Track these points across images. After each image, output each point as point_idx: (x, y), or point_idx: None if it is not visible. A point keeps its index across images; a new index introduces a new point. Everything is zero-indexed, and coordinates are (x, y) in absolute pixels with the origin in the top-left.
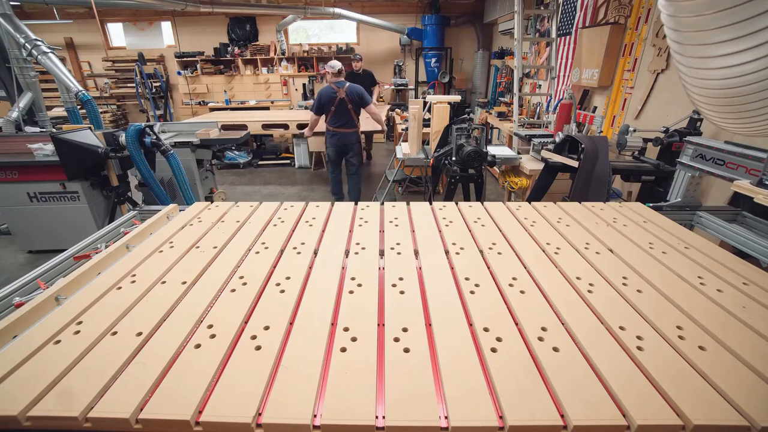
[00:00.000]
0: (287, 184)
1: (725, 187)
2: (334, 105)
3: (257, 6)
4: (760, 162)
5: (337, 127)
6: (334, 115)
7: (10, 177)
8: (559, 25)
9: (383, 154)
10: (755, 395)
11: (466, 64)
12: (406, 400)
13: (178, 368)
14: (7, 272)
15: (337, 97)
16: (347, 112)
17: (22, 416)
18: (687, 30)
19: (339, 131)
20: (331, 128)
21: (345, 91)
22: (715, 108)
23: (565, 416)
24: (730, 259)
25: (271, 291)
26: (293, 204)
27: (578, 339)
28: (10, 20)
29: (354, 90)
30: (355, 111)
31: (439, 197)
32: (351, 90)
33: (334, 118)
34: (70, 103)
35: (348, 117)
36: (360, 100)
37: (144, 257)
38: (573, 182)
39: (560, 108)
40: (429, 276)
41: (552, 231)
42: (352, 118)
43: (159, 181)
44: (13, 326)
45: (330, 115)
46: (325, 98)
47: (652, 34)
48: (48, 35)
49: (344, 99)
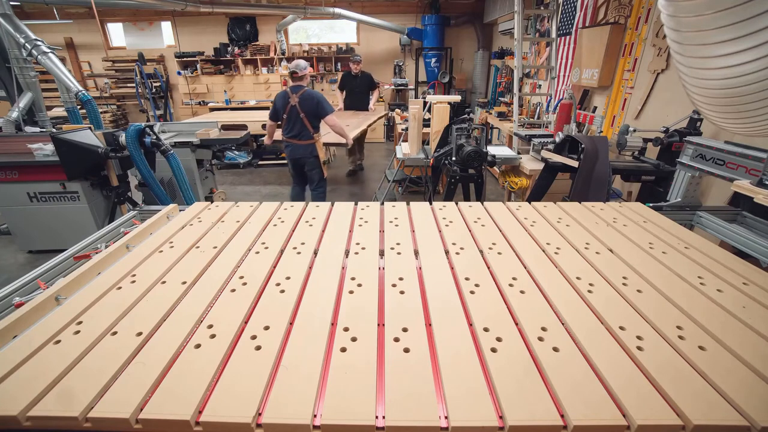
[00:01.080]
0: (287, 184)
1: (725, 187)
2: (286, 112)
3: (257, 6)
4: (760, 162)
5: (289, 137)
6: (286, 124)
7: (10, 177)
8: (559, 25)
9: (383, 154)
10: (755, 395)
11: (466, 64)
12: (406, 400)
13: (178, 368)
14: (7, 272)
15: (289, 103)
16: (300, 122)
17: (22, 416)
18: (687, 30)
19: (291, 142)
20: (284, 138)
21: (298, 98)
22: (715, 108)
23: (565, 416)
24: (730, 259)
25: (271, 291)
26: (293, 204)
27: (578, 339)
28: (10, 20)
29: (310, 97)
30: (311, 121)
31: (439, 197)
32: (306, 97)
33: (286, 127)
34: (70, 103)
35: (301, 127)
36: (316, 109)
37: (144, 257)
38: (573, 182)
39: (560, 108)
40: (429, 276)
41: (552, 231)
42: (306, 128)
43: (159, 181)
44: (13, 326)
45: (283, 123)
46: (279, 104)
47: (652, 34)
48: (48, 35)
49: (296, 107)
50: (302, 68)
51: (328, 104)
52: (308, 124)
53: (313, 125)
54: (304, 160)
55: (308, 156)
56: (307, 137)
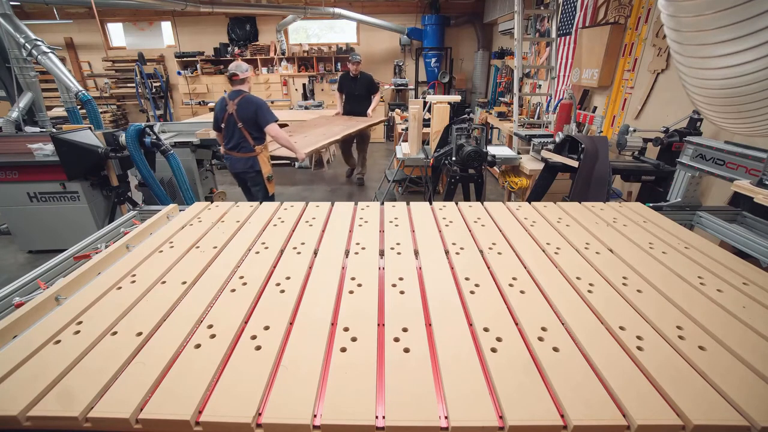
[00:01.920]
0: (287, 184)
1: (725, 187)
2: (224, 121)
3: (257, 6)
4: (760, 162)
5: (228, 149)
6: (225, 134)
7: (10, 177)
8: (559, 25)
9: (383, 154)
10: (755, 395)
11: (466, 64)
12: (406, 400)
13: (178, 368)
14: (7, 272)
15: (227, 111)
16: (238, 132)
17: (22, 416)
18: (687, 30)
19: (230, 155)
20: (224, 150)
21: (236, 105)
22: (715, 108)
23: (565, 416)
24: (730, 259)
25: (271, 291)
26: (293, 204)
27: (578, 339)
28: (10, 20)
29: (248, 104)
30: (250, 131)
31: (439, 197)
32: (243, 104)
33: (225, 137)
34: (70, 103)
35: (240, 138)
36: (255, 117)
37: (144, 257)
38: (573, 182)
39: (560, 108)
40: (429, 276)
41: (552, 231)
42: (245, 139)
43: (159, 181)
44: (13, 326)
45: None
46: (217, 111)
47: (652, 34)
48: (48, 35)
49: (233, 115)
50: (243, 70)
51: (269, 111)
52: (247, 134)
53: (254, 136)
54: (245, 175)
55: (249, 171)
56: (247, 149)
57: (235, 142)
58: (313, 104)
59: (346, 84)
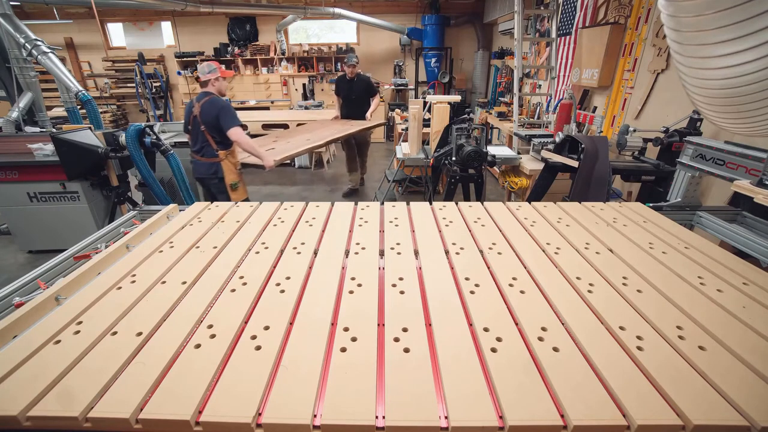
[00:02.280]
0: (287, 184)
1: (725, 187)
2: (190, 123)
3: (257, 6)
4: (760, 162)
5: (193, 152)
6: (191, 137)
7: (10, 177)
8: (559, 25)
9: (383, 154)
10: (755, 395)
11: (466, 64)
12: (406, 400)
13: (178, 368)
14: (7, 272)
15: (192, 114)
16: (201, 136)
17: (22, 416)
18: (687, 30)
19: (195, 158)
20: (190, 153)
21: (200, 107)
22: (715, 108)
23: (565, 416)
24: (730, 259)
25: (271, 291)
26: (293, 204)
27: (578, 339)
28: (10, 20)
29: (211, 107)
30: (213, 135)
31: (439, 197)
32: (207, 107)
33: (191, 140)
34: (70, 103)
35: (203, 142)
36: (216, 121)
37: (144, 257)
38: (573, 182)
39: (560, 108)
40: (429, 276)
41: (552, 231)
42: (208, 144)
43: (159, 181)
44: (13, 326)
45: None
46: (186, 113)
47: (652, 34)
48: (48, 35)
49: (197, 118)
50: (205, 72)
51: (232, 115)
52: (210, 138)
53: (216, 140)
54: (208, 181)
55: (212, 177)
56: (210, 154)
57: (199, 145)
58: (313, 104)
59: (342, 87)
